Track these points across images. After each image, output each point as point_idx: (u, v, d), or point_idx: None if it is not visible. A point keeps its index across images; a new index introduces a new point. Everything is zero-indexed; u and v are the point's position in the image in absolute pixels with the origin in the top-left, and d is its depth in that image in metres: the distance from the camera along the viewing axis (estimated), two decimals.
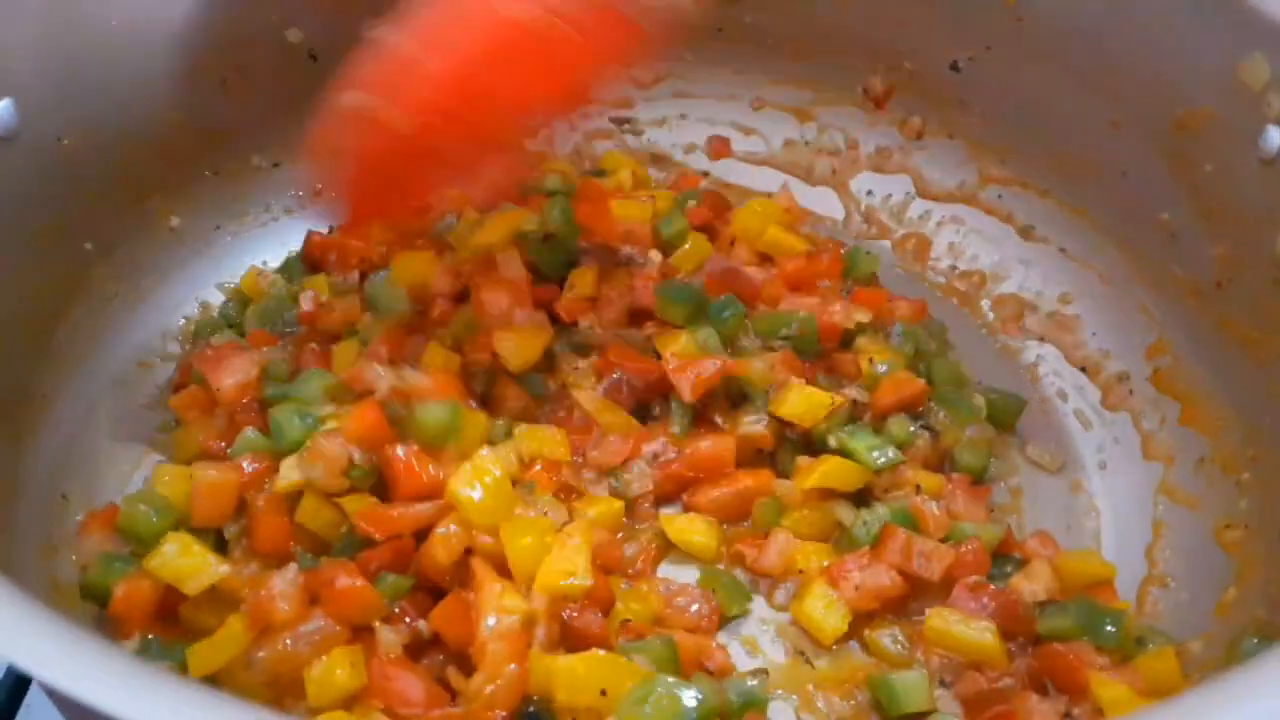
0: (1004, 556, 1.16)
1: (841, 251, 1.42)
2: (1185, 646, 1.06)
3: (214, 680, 1.01)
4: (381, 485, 1.10)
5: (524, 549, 1.03)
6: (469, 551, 1.05)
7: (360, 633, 1.01)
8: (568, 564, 1.03)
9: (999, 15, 1.33)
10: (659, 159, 1.58)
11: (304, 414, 1.12)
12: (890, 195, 1.51)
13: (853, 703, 1.07)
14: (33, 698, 1.18)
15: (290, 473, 1.08)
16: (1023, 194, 1.42)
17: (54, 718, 1.13)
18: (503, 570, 1.04)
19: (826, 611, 1.10)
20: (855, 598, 1.10)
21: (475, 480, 1.06)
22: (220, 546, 1.10)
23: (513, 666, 0.97)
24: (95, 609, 1.08)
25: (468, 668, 0.99)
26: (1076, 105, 1.31)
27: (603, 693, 0.96)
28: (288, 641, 0.98)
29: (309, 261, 1.40)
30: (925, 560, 1.10)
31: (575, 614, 1.03)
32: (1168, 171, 1.23)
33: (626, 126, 1.58)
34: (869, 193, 1.52)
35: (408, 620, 1.03)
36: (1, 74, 1.13)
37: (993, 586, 1.10)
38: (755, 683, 1.04)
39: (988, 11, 1.33)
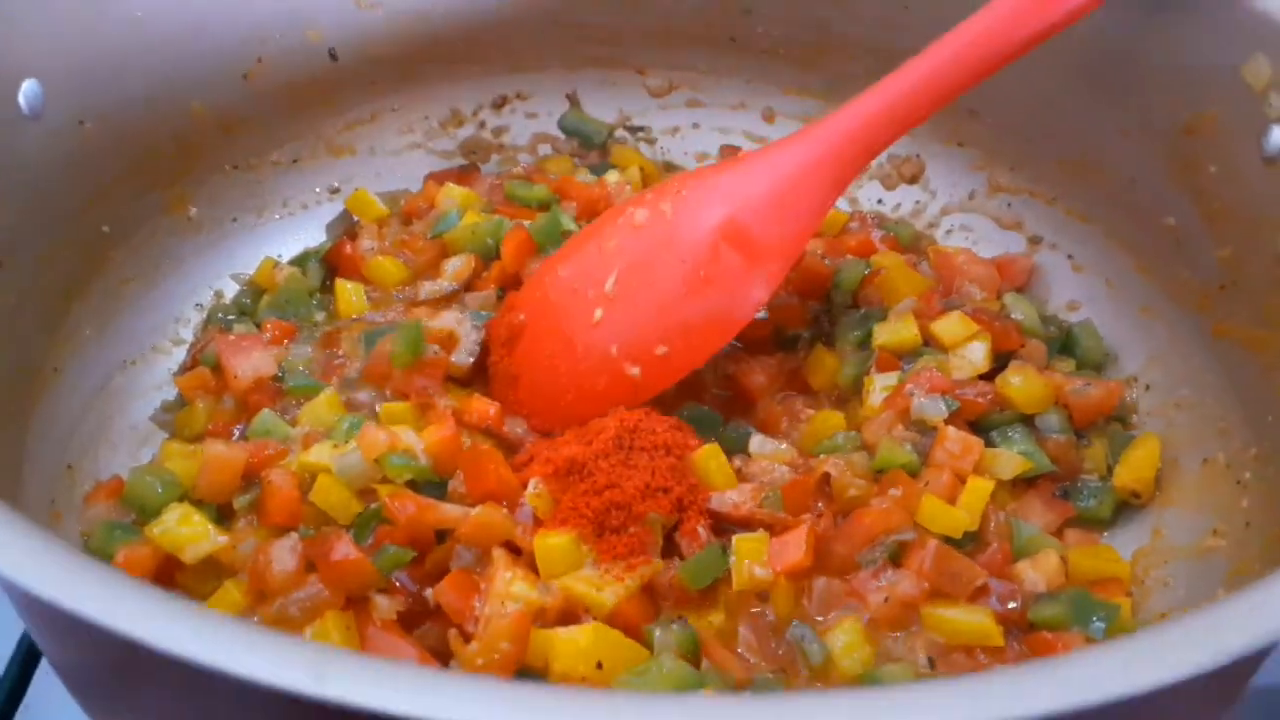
0: None
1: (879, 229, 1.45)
2: None
3: None
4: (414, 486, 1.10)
5: (553, 549, 1.03)
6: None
7: (358, 599, 1.01)
8: (604, 585, 1.02)
9: None
10: (672, 168, 1.58)
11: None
12: (900, 205, 1.52)
13: None
14: (31, 698, 1.18)
15: (320, 455, 1.09)
16: (1031, 202, 1.43)
17: (52, 718, 1.14)
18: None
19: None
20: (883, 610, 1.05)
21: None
22: (222, 519, 1.11)
23: (507, 644, 0.96)
24: None
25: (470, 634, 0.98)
26: (1085, 113, 1.32)
27: (599, 665, 0.95)
28: (280, 605, 0.98)
29: (331, 264, 1.40)
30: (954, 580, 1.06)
31: None
32: (1173, 176, 1.23)
33: (639, 134, 1.59)
34: (879, 201, 1.53)
35: (409, 594, 1.02)
36: (28, 55, 1.16)
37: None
38: (773, 678, 1.02)
39: None
